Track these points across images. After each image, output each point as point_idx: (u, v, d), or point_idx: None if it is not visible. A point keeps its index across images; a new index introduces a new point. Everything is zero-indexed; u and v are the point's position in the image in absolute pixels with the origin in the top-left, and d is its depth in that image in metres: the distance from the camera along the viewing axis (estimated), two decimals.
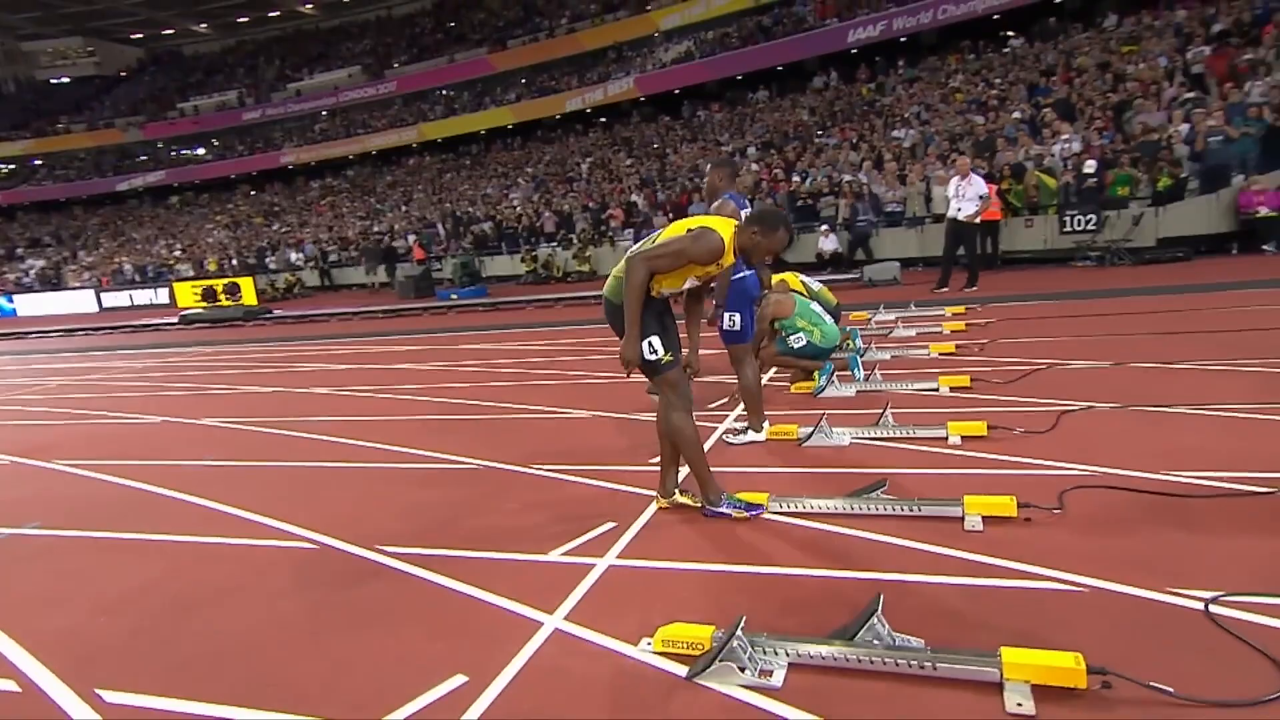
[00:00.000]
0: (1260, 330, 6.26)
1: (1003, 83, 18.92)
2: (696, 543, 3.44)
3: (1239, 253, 11.43)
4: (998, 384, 5.50)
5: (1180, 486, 3.50)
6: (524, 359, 8.94)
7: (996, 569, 2.94)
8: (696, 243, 3.32)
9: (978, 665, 2.30)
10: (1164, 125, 13.29)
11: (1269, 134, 11.91)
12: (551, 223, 21.75)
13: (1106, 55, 18.12)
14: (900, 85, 22.87)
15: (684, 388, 3.63)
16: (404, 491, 4.52)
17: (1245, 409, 4.43)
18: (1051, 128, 14.52)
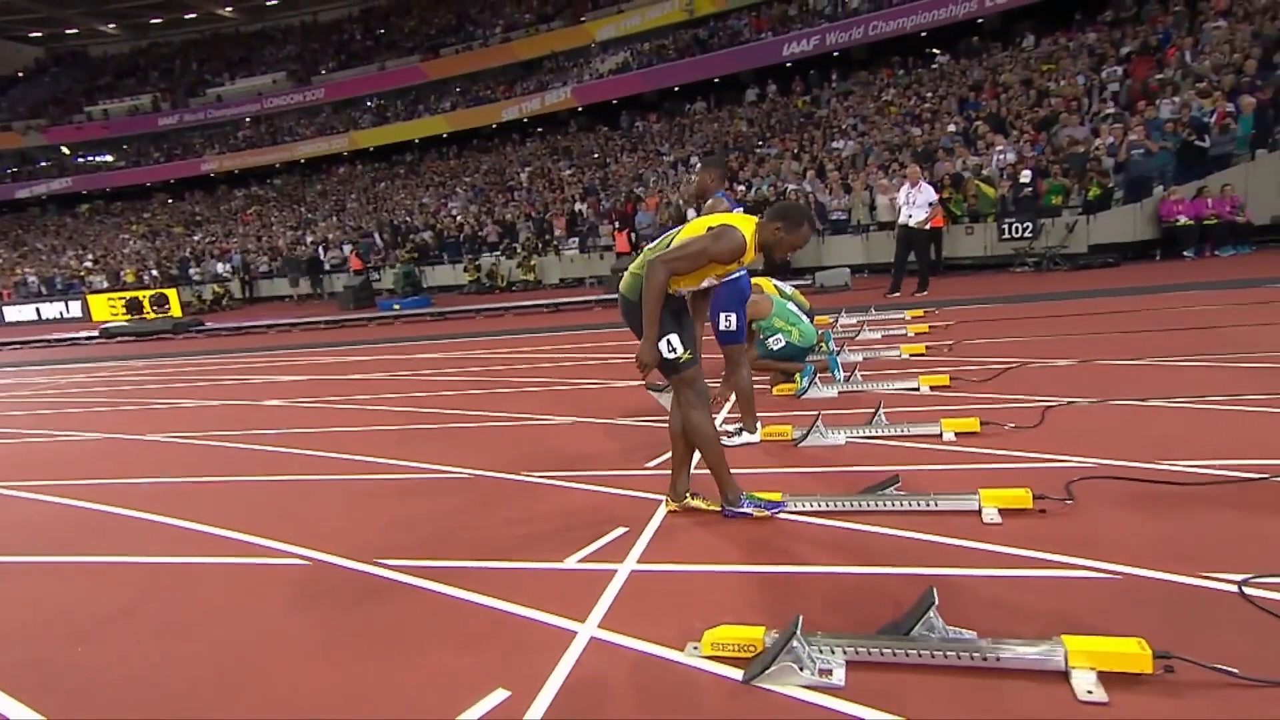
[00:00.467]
0: (1207, 329, 6.57)
1: (934, 97, 19.58)
2: (717, 545, 3.36)
3: (1161, 258, 12.05)
4: (975, 382, 5.60)
5: (1177, 475, 3.59)
6: (486, 366, 8.73)
7: (1026, 560, 2.95)
8: (718, 242, 3.26)
9: (1041, 654, 2.28)
10: (1088, 139, 13.95)
11: (1183, 148, 12.61)
12: (494, 232, 21.45)
13: (1028, 73, 18.96)
14: (835, 98, 23.43)
15: (701, 386, 3.56)
16: (391, 503, 4.31)
17: (1215, 401, 4.61)
18: (985, 140, 15.06)
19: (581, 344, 9.90)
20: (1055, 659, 2.26)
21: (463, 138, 32.75)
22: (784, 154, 19.31)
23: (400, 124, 33.40)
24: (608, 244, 18.51)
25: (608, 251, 18.36)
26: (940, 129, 16.95)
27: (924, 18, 23.38)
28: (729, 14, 28.27)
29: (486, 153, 31.58)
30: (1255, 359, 5.45)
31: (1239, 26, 15.95)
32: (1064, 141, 13.97)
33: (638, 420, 5.52)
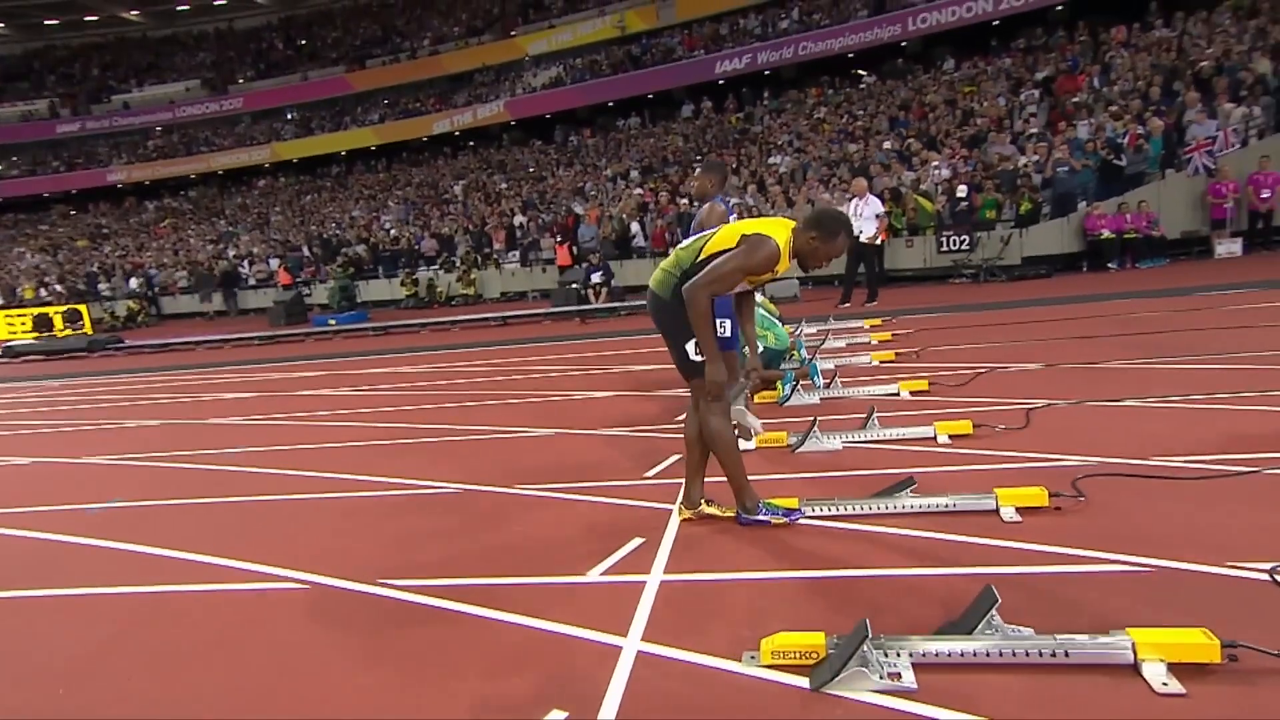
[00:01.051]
0: (1153, 333, 6.89)
1: (865, 115, 20.18)
2: (742, 552, 3.28)
3: (1088, 270, 12.65)
4: (953, 386, 5.71)
5: (1173, 470, 3.70)
6: (449, 380, 8.47)
7: (1057, 556, 2.97)
8: (753, 255, 3.21)
9: (1110, 648, 2.28)
10: (1015, 156, 14.60)
11: (1103, 167, 13.33)
12: (431, 246, 20.99)
13: (952, 94, 19.77)
14: (767, 115, 23.92)
15: (725, 393, 3.49)
16: (383, 520, 4.08)
17: (1183, 400, 4.81)
18: (920, 156, 15.58)
19: (546, 356, 9.75)
20: (1124, 652, 2.26)
21: (392, 150, 32.06)
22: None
23: (326, 135, 32.47)
24: (550, 257, 18.34)
25: (550, 265, 18.19)
26: (875, 145, 17.46)
27: (851, 39, 24.16)
28: (661, 32, 28.58)
29: (418, 165, 30.98)
30: (1206, 360, 5.72)
31: (1139, 56, 17.03)
32: (994, 158, 14.58)
33: (624, 430, 5.41)
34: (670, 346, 3.50)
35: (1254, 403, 4.62)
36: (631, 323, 12.48)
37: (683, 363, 3.43)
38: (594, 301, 13.51)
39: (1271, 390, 4.80)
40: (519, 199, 22.96)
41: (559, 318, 13.43)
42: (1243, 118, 13.38)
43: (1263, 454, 3.76)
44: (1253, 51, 14.98)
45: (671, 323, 3.41)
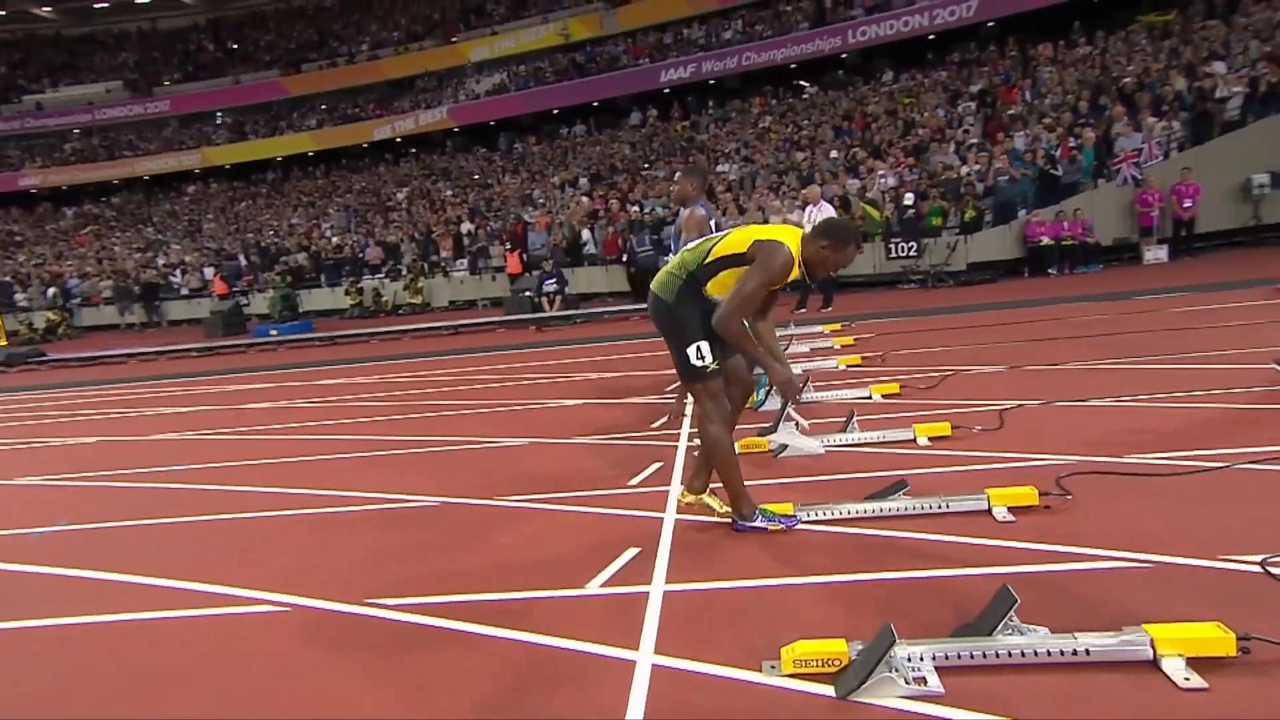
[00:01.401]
0: (1104, 335, 7.12)
1: (810, 124, 20.53)
2: (743, 559, 3.22)
3: (1029, 275, 13.08)
4: (923, 389, 5.78)
5: (1150, 467, 3.79)
6: (405, 391, 8.23)
7: (1056, 554, 3.00)
8: (771, 265, 3.17)
9: (1130, 645, 2.29)
10: (957, 165, 15.02)
11: (1041, 176, 13.82)
12: (376, 254, 20.51)
13: (892, 105, 20.28)
14: (713, 123, 24.14)
15: (724, 399, 3.44)
16: (359, 536, 3.90)
17: (1145, 399, 4.96)
18: (867, 165, 15.90)
19: (504, 365, 9.60)
20: (1144, 648, 2.28)
21: (331, 156, 31.30)
22: (671, 176, 19.62)
23: (261, 140, 31.52)
24: (499, 265, 18.11)
25: (500, 272, 17.95)
26: (821, 154, 17.77)
27: (792, 51, 24.59)
28: (605, 40, 28.60)
29: (358, 172, 30.31)
30: (1159, 361, 5.93)
31: (1066, 71, 17.77)
32: (937, 167, 14.98)
33: (600, 438, 5.33)
34: (671, 349, 3.44)
35: (1210, 401, 4.79)
36: (588, 330, 12.39)
37: (683, 366, 3.38)
38: (548, 309, 13.37)
39: (1222, 389, 4.99)
40: (465, 206, 22.64)
41: (513, 326, 13.26)
42: (1164, 131, 14.05)
43: (1229, 449, 3.88)
44: (1168, 70, 15.78)
45: (673, 325, 3.35)
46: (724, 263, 3.27)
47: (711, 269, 3.28)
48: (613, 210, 17.91)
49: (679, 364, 3.43)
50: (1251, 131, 13.43)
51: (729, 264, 3.26)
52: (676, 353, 3.40)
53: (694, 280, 3.31)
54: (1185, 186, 13.11)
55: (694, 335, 3.31)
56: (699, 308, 3.36)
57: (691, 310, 3.36)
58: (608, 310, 13.51)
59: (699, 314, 3.35)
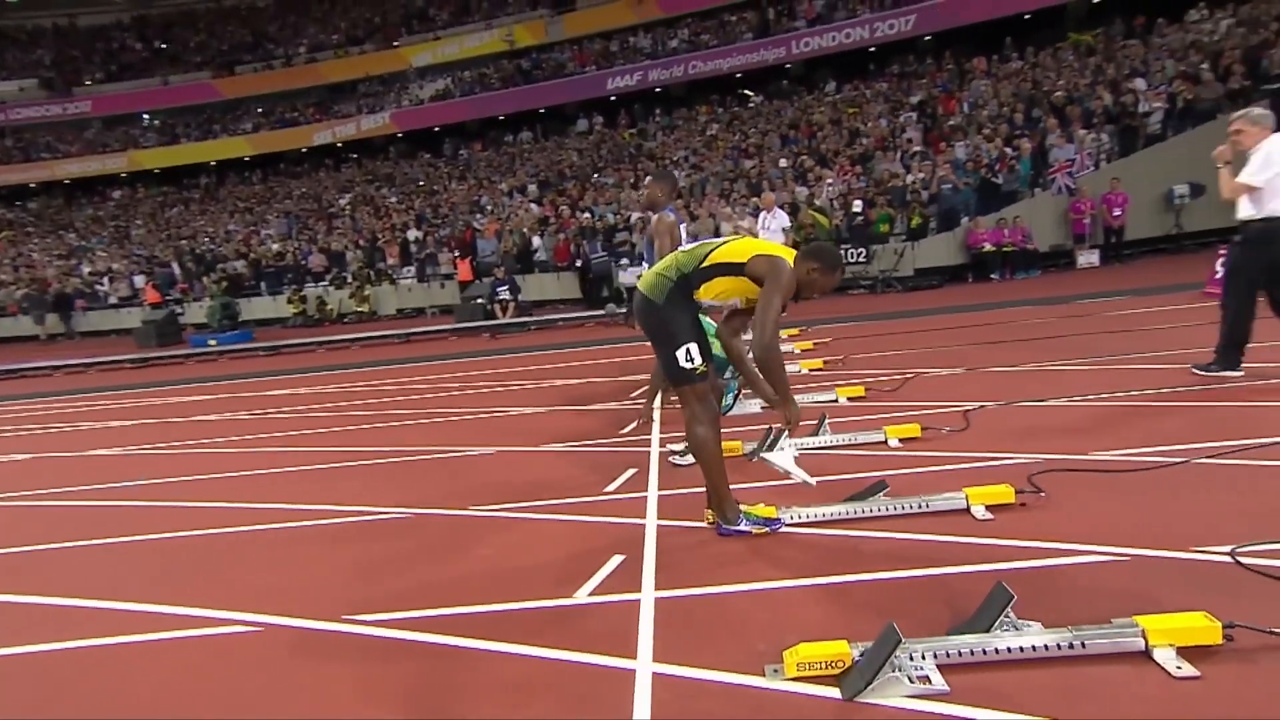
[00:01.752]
0: (1053, 338, 7.36)
1: (756, 133, 20.81)
2: (731, 564, 3.20)
3: (973, 280, 13.48)
4: (887, 392, 5.88)
5: (1114, 464, 3.91)
6: (360, 400, 8.02)
7: (1038, 550, 3.05)
8: (781, 281, 3.20)
9: (1123, 636, 2.34)
10: (901, 174, 15.40)
11: (982, 185, 14.28)
12: (320, 261, 19.99)
13: (836, 114, 20.70)
14: (660, 131, 24.29)
15: (711, 401, 3.42)
16: (327, 551, 3.76)
17: (1103, 398, 5.13)
18: (815, 173, 16.18)
19: (460, 373, 9.48)
20: (1136, 640, 2.33)
21: (268, 161, 30.46)
22: (621, 183, 19.66)
23: (193, 144, 30.47)
24: (448, 272, 17.83)
25: (449, 280, 17.68)
26: (769, 162, 18.01)
27: (738, 60, 24.92)
28: (551, 47, 28.54)
29: (297, 178, 29.56)
30: (1107, 362, 6.15)
31: (1001, 85, 18.41)
32: (883, 175, 15.33)
33: (570, 446, 5.28)
34: (659, 352, 3.42)
35: (1159, 400, 4.98)
36: (542, 337, 12.30)
37: (671, 369, 3.36)
38: (501, 317, 13.23)
39: (1169, 388, 5.19)
40: (411, 213, 22.26)
41: (466, 334, 13.07)
42: (1094, 143, 14.67)
43: (1184, 445, 4.03)
44: (1095, 84, 16.50)
45: (661, 327, 3.33)
46: (721, 270, 3.27)
47: (707, 274, 3.27)
48: (563, 217, 17.83)
49: (666, 366, 3.40)
50: (1172, 145, 14.11)
51: (725, 272, 3.27)
52: (664, 355, 3.38)
53: (686, 283, 3.29)
54: (1115, 196, 13.71)
55: (684, 337, 3.29)
56: (688, 310, 3.35)
57: (680, 312, 3.34)
58: (562, 317, 13.43)
59: (688, 316, 3.35)
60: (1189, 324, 7.30)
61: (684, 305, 3.35)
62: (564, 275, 16.39)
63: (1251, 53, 15.16)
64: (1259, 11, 16.76)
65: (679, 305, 3.34)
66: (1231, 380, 5.23)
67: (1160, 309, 8.34)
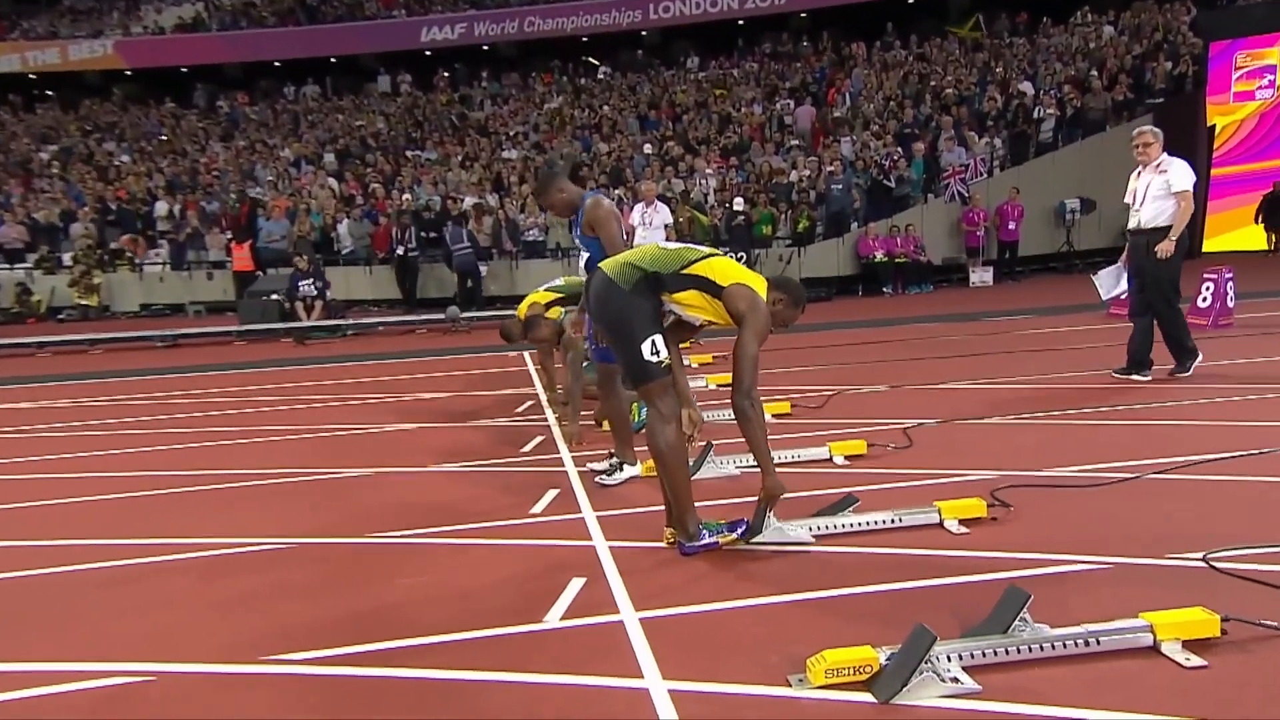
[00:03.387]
0: (971, 356, 8.40)
1: (610, 110, 21.56)
2: (707, 581, 3.58)
3: (864, 294, 14.80)
4: (812, 409, 6.52)
5: (1071, 479, 4.67)
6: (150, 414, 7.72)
7: (1021, 560, 3.65)
8: (759, 324, 3.69)
9: (1134, 633, 2.93)
10: (786, 169, 16.60)
11: (874, 187, 15.74)
12: (14, 235, 18.38)
13: (702, 95, 21.89)
14: (489, 99, 24.48)
15: (674, 396, 3.77)
16: (211, 588, 3.80)
17: (1041, 417, 6.02)
18: (685, 163, 17.07)
19: (281, 384, 9.47)
20: (1145, 635, 2.93)
21: None
22: (447, 160, 19.68)
23: None
24: (219, 259, 17.08)
25: (219, 269, 16.95)
26: (629, 145, 18.76)
27: (584, 21, 25.53)
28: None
29: None
30: (1035, 380, 7.16)
31: (886, 75, 20.34)
32: (763, 168, 16.47)
33: (464, 466, 5.54)
34: (618, 345, 3.75)
35: (1098, 417, 5.93)
36: (362, 344, 12.18)
37: (634, 363, 3.70)
38: (306, 318, 12.93)
39: (1104, 405, 6.19)
40: (160, 177, 20.97)
41: (256, 338, 12.67)
42: (987, 147, 16.61)
43: (1132, 461, 4.88)
44: (985, 83, 18.63)
45: (625, 316, 3.68)
46: (699, 283, 3.71)
47: (684, 282, 3.70)
48: (376, 197, 17.61)
49: (629, 361, 3.74)
50: (1064, 155, 16.29)
51: (703, 288, 3.71)
52: (626, 348, 3.73)
53: (657, 281, 3.69)
54: (1010, 207, 15.55)
55: (648, 328, 3.68)
56: (652, 301, 3.74)
57: (646, 302, 3.72)
58: (382, 321, 13.33)
59: (652, 307, 3.73)
60: (1104, 343, 8.55)
61: (649, 297, 3.74)
62: (380, 270, 16.23)
63: (1136, 63, 17.75)
64: (1141, 20, 19.67)
65: (645, 295, 3.72)
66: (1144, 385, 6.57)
67: (1071, 328, 9.68)
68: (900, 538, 3.95)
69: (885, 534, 4.00)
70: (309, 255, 13.80)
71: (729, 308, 3.70)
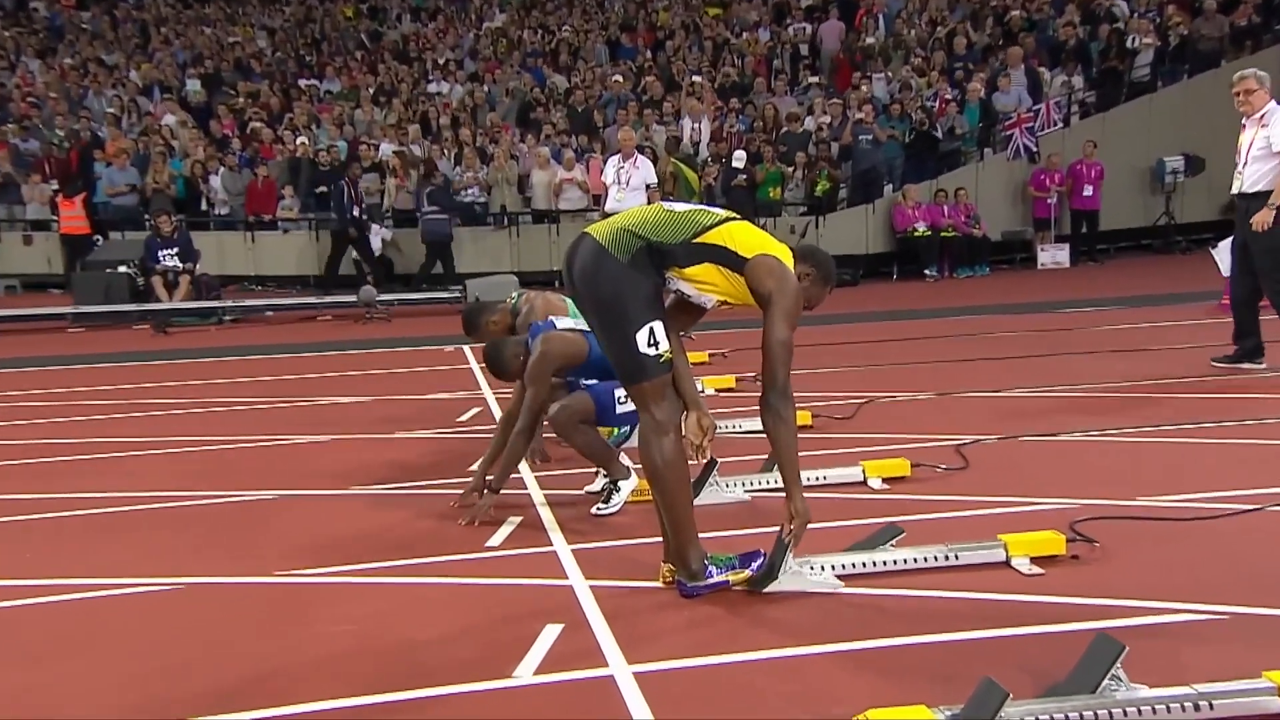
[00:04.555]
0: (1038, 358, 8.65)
1: (571, 33, 21.65)
2: (717, 630, 3.73)
3: (899, 277, 15.04)
4: (839, 420, 6.74)
5: (1171, 510, 4.86)
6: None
7: (1112, 609, 3.81)
8: (789, 303, 3.83)
9: (1256, 695, 3.10)
10: (797, 114, 16.75)
11: (917, 138, 15.92)
12: None
13: (690, 15, 22.04)
14: (406, 13, 24.50)
15: (675, 398, 3.93)
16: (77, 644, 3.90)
17: (1131, 432, 6.25)
18: (671, 104, 17.21)
19: (165, 382, 9.70)
20: (1272, 699, 3.09)
21: None
22: (352, 93, 19.72)
23: None
24: (41, 217, 17.16)
25: (42, 230, 17.03)
26: (595, 78, 18.89)
27: None
28: None
29: None
30: (1118, 389, 7.41)
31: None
32: (766, 110, 16.62)
33: (398, 489, 5.74)
34: (606, 333, 3.88)
35: (1205, 434, 6.16)
36: (246, 334, 12.26)
37: (625, 355, 3.81)
38: (168, 298, 12.96)
39: (1213, 418, 6.43)
40: None
41: (98, 324, 12.76)
42: (1063, 88, 16.82)
43: (1251, 490, 5.10)
44: (1062, 3, 18.73)
45: (618, 298, 3.78)
46: (716, 254, 3.82)
47: (698, 253, 3.81)
48: (261, 140, 17.62)
49: (618, 353, 3.86)
50: (1165, 99, 16.46)
51: (722, 260, 3.83)
52: (616, 336, 3.83)
53: (661, 254, 3.80)
54: (1086, 167, 15.70)
55: (645, 313, 3.78)
56: (653, 280, 3.84)
57: (646, 280, 3.82)
58: (271, 304, 13.39)
59: (652, 287, 3.83)
60: (1211, 342, 8.74)
61: (651, 273, 3.84)
62: (264, 236, 16.25)
63: None
64: None
65: (646, 271, 3.83)
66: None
67: (1168, 323, 10.01)
68: (956, 578, 4.12)
69: (937, 574, 4.16)
70: (172, 215, 13.76)
71: (753, 285, 3.80)
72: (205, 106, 20.02)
